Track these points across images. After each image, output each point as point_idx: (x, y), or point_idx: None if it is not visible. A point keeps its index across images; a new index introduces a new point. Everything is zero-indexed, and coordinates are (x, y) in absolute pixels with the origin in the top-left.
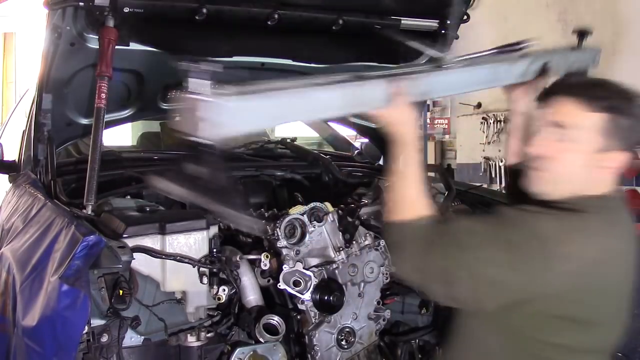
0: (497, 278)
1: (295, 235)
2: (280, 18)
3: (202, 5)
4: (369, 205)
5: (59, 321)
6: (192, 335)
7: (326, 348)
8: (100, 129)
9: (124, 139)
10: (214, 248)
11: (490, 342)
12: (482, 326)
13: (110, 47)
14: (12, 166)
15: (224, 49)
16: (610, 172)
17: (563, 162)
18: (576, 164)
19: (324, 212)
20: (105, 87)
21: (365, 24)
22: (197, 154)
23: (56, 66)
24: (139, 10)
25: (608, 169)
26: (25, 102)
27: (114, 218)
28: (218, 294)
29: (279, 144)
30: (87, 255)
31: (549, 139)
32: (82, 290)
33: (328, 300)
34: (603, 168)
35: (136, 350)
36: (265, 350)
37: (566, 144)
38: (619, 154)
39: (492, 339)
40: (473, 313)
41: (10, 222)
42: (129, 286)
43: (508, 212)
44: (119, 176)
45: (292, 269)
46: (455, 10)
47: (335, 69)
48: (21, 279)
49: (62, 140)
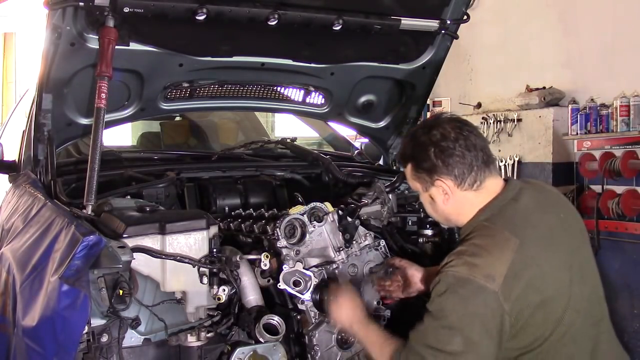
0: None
1: (295, 235)
2: (280, 18)
3: (202, 5)
4: (369, 205)
5: (59, 321)
6: (192, 335)
7: (326, 348)
8: (100, 129)
9: (124, 139)
10: (214, 248)
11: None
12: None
13: (110, 47)
14: (12, 166)
15: (224, 49)
16: (449, 197)
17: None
18: (429, 209)
19: (324, 212)
20: (105, 87)
21: (365, 24)
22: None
23: (56, 66)
24: (139, 10)
25: (444, 195)
26: (25, 102)
27: (114, 218)
28: (218, 294)
29: (279, 144)
30: (87, 255)
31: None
32: (82, 290)
33: (328, 301)
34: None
35: (136, 350)
36: (265, 350)
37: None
38: (440, 182)
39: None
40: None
41: (10, 222)
42: (129, 286)
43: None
44: (119, 176)
45: (292, 269)
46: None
47: (335, 69)
48: (21, 279)
49: (62, 140)
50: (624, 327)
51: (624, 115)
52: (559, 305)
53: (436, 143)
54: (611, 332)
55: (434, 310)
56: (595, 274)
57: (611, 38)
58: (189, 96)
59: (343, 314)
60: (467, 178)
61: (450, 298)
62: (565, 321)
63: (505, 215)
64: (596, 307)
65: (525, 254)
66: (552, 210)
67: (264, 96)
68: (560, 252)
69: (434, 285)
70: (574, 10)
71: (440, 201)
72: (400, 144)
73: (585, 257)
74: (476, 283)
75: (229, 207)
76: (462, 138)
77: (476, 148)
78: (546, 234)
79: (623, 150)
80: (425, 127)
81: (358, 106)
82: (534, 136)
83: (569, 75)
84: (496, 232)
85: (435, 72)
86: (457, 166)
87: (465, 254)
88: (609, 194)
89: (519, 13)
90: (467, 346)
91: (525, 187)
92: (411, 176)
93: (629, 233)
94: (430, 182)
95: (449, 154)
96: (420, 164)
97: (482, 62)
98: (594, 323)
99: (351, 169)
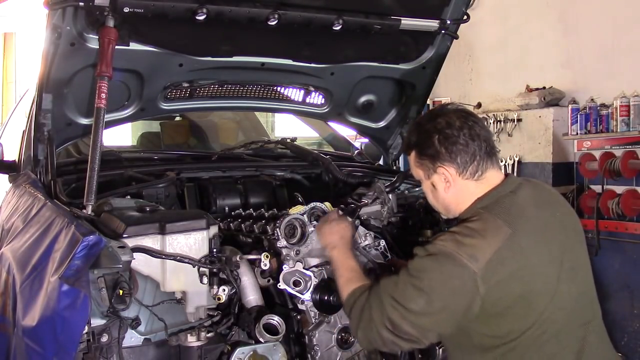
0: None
1: (295, 235)
2: (280, 18)
3: (202, 5)
4: (369, 205)
5: (59, 321)
6: (192, 335)
7: (326, 348)
8: (100, 129)
9: (124, 139)
10: (214, 248)
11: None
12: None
13: (110, 47)
14: (12, 166)
15: (224, 49)
16: (450, 185)
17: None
18: (430, 197)
19: (324, 212)
20: (105, 87)
21: (365, 24)
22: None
23: (56, 66)
24: (139, 10)
25: (445, 183)
26: (25, 102)
27: (114, 218)
28: (218, 294)
29: (279, 144)
30: (87, 255)
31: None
32: (82, 290)
33: (328, 300)
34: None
35: (136, 350)
36: (265, 350)
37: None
38: (442, 170)
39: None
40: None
41: (10, 222)
42: (129, 286)
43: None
44: (119, 176)
45: (292, 269)
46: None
47: (335, 69)
48: (21, 279)
49: (62, 140)
50: (624, 327)
51: (624, 115)
52: (542, 300)
53: (441, 130)
54: (602, 335)
55: (412, 269)
56: (588, 276)
57: (611, 38)
58: (189, 96)
59: (330, 235)
60: (469, 167)
61: (431, 264)
62: (546, 317)
63: (502, 205)
64: (586, 308)
65: (515, 244)
66: (548, 207)
67: (264, 96)
68: (551, 248)
69: (421, 249)
70: (574, 10)
71: (441, 189)
72: (406, 132)
73: (578, 257)
74: (459, 260)
75: (229, 207)
76: (467, 127)
77: (480, 138)
78: (539, 228)
79: (623, 150)
80: (431, 115)
81: (358, 106)
82: (534, 136)
83: (569, 75)
84: (490, 219)
85: (435, 72)
86: (460, 154)
87: (457, 233)
88: (609, 194)
89: (519, 13)
90: (426, 310)
91: (524, 183)
92: (414, 163)
93: (629, 233)
94: (432, 169)
95: (452, 141)
96: (424, 150)
97: (482, 62)
98: (582, 324)
99: (351, 169)
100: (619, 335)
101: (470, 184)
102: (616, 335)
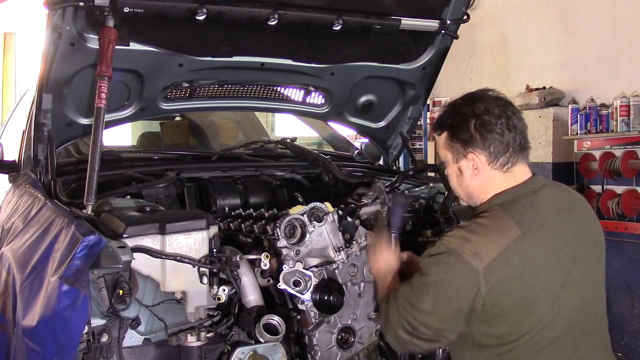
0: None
1: (295, 235)
2: (280, 18)
3: (202, 5)
4: (369, 205)
5: (59, 321)
6: (192, 335)
7: (326, 348)
8: (100, 129)
9: (124, 139)
10: (214, 248)
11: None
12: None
13: (110, 47)
14: (12, 166)
15: (224, 49)
16: (478, 172)
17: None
18: (454, 181)
19: (324, 212)
20: (105, 87)
21: (365, 24)
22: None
23: (56, 66)
24: (139, 10)
25: (474, 170)
26: (25, 102)
27: (114, 218)
28: (218, 294)
29: (279, 144)
30: (87, 255)
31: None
32: (82, 290)
33: (328, 300)
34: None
35: (136, 350)
36: (265, 350)
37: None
38: (473, 155)
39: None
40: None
41: (10, 222)
42: (129, 286)
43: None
44: (119, 176)
45: (292, 269)
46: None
47: (335, 69)
48: (21, 279)
49: (62, 140)
50: (624, 327)
51: (624, 115)
52: (543, 305)
53: (478, 116)
54: (605, 349)
55: (422, 267)
56: (597, 289)
57: (611, 38)
58: (189, 96)
59: (381, 262)
60: (500, 157)
61: (437, 261)
62: (546, 323)
63: (518, 205)
64: (589, 320)
65: (522, 246)
66: (569, 213)
67: (264, 96)
68: (561, 255)
69: (430, 247)
70: (574, 10)
71: (468, 175)
72: (439, 112)
73: (591, 269)
74: (463, 257)
75: (229, 207)
76: (505, 117)
77: (516, 130)
78: (553, 232)
79: (623, 150)
80: (469, 99)
81: (358, 106)
82: (534, 136)
83: (569, 75)
84: (502, 217)
85: (435, 72)
86: (494, 143)
87: (465, 229)
88: (609, 194)
89: (519, 13)
90: (434, 308)
91: (549, 184)
92: (444, 144)
93: (629, 233)
94: (462, 154)
95: (489, 129)
96: (457, 133)
97: (482, 62)
98: (584, 335)
99: (351, 169)
100: (619, 335)
101: (498, 175)
102: (616, 335)
